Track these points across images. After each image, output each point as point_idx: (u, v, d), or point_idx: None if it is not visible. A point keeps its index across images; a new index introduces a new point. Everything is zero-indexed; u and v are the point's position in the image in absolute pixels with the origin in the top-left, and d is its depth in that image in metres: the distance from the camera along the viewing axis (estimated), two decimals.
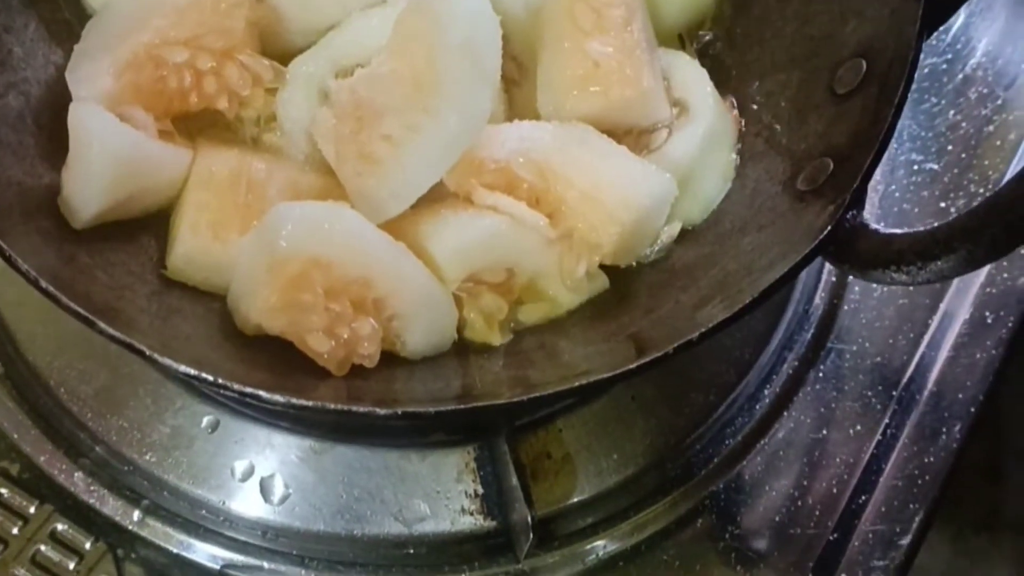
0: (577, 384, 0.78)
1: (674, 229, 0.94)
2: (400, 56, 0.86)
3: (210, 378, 0.75)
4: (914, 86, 1.14)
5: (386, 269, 0.84)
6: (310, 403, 0.76)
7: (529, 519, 0.97)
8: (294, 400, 0.76)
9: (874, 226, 0.81)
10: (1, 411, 1.04)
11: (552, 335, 0.91)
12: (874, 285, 1.13)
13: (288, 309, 0.83)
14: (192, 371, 0.75)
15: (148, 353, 0.75)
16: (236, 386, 0.76)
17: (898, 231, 0.78)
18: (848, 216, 0.81)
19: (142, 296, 0.87)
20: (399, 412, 0.77)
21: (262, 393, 0.75)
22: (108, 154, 0.85)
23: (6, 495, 1.01)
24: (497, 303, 0.90)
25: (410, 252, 0.85)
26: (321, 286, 0.83)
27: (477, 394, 0.85)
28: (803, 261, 0.80)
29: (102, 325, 0.75)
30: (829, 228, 0.80)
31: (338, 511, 1.01)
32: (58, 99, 0.90)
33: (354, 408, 0.77)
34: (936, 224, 0.74)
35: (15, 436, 1.02)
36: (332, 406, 0.77)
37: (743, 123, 0.99)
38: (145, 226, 0.92)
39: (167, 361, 0.75)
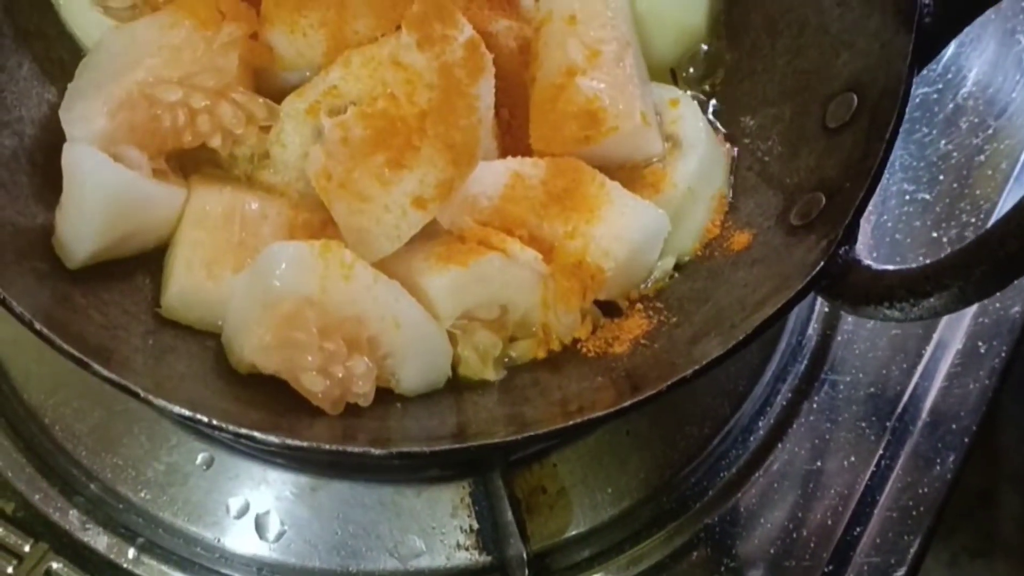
0: (571, 423, 0.78)
1: (668, 264, 0.94)
2: (391, 95, 0.87)
3: (205, 420, 0.75)
4: (905, 116, 1.14)
5: (380, 307, 0.84)
6: (304, 444, 0.77)
7: (524, 554, 0.97)
8: (289, 441, 0.76)
9: (866, 262, 0.81)
10: None
11: (546, 371, 0.91)
12: None
13: (282, 348, 0.84)
14: (187, 412, 0.76)
15: (142, 395, 0.75)
16: (231, 428, 0.76)
17: (890, 267, 0.78)
18: (840, 252, 0.81)
19: (136, 335, 0.87)
20: (394, 452, 0.77)
21: (256, 434, 0.75)
22: (102, 194, 0.85)
23: (0, 533, 1.00)
24: (491, 340, 0.90)
25: (404, 290, 0.86)
26: (315, 325, 0.83)
27: (472, 433, 0.85)
28: (796, 297, 0.80)
29: (96, 367, 0.75)
30: (822, 264, 0.80)
31: (334, 547, 1.00)
32: (52, 138, 0.90)
33: (349, 449, 0.77)
34: (927, 261, 0.75)
35: (9, 474, 1.02)
36: (327, 447, 0.77)
37: (735, 157, 0.99)
38: (140, 265, 0.92)
39: (161, 403, 0.75)
